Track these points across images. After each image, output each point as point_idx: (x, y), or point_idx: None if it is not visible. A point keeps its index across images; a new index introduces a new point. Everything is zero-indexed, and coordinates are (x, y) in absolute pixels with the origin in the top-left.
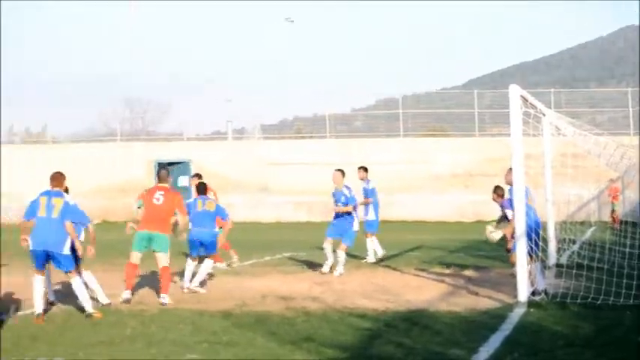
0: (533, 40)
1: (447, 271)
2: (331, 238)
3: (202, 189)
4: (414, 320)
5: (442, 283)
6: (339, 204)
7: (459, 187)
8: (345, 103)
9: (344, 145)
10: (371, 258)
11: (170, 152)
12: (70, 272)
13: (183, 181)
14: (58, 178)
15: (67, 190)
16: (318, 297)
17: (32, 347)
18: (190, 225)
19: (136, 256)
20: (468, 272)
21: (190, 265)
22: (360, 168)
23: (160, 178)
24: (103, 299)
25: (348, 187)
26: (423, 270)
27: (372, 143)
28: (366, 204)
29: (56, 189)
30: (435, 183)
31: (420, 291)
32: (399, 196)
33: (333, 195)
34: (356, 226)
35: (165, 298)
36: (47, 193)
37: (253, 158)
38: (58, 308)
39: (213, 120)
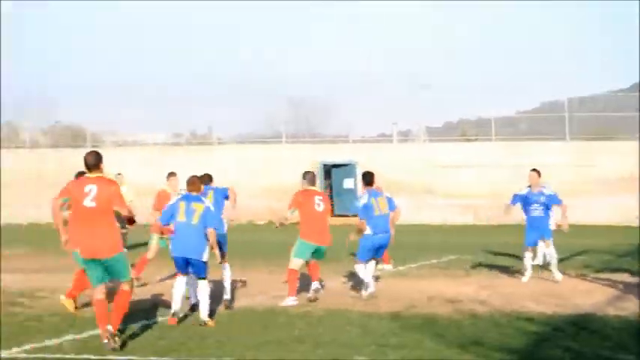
0: None
1: (615, 276)
2: (531, 247)
3: (369, 179)
4: (582, 324)
5: (610, 288)
6: (536, 205)
7: (627, 191)
8: (510, 105)
9: (509, 148)
10: (539, 261)
11: (336, 154)
12: (203, 278)
13: (348, 183)
14: (195, 183)
15: (210, 179)
16: (485, 300)
17: (201, 346)
18: (370, 230)
19: (299, 263)
20: (636, 277)
21: (369, 268)
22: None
23: (311, 182)
24: (227, 295)
25: (545, 187)
26: (590, 274)
27: (538, 146)
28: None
29: (194, 193)
30: (601, 187)
31: (588, 295)
32: (566, 200)
33: (526, 197)
34: (552, 225)
35: (317, 284)
36: (186, 198)
37: (418, 160)
38: (228, 309)
39: (378, 122)
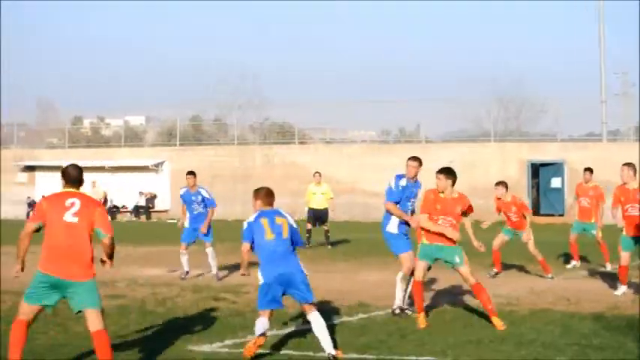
0: None
1: None
2: None
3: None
4: None
5: None
6: None
7: None
8: None
9: None
10: None
11: (544, 153)
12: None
13: (555, 182)
14: (270, 195)
15: None
16: None
17: (401, 344)
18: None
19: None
20: None
21: None
22: None
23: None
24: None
25: None
26: None
27: None
28: None
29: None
30: None
31: None
32: None
33: None
34: None
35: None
36: (265, 214)
37: (627, 160)
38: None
39: (587, 121)
